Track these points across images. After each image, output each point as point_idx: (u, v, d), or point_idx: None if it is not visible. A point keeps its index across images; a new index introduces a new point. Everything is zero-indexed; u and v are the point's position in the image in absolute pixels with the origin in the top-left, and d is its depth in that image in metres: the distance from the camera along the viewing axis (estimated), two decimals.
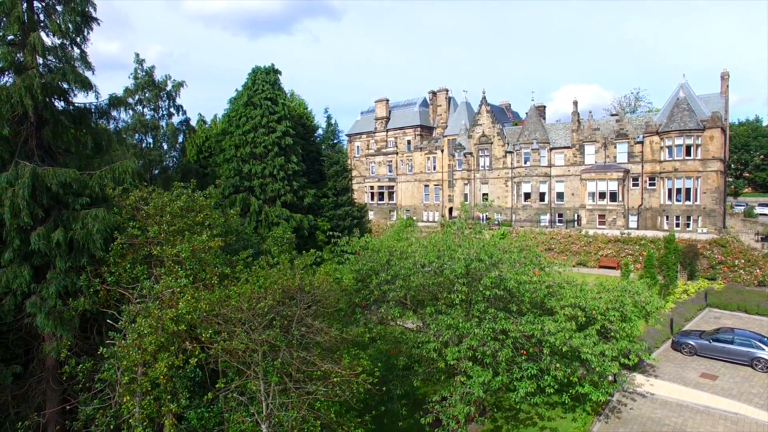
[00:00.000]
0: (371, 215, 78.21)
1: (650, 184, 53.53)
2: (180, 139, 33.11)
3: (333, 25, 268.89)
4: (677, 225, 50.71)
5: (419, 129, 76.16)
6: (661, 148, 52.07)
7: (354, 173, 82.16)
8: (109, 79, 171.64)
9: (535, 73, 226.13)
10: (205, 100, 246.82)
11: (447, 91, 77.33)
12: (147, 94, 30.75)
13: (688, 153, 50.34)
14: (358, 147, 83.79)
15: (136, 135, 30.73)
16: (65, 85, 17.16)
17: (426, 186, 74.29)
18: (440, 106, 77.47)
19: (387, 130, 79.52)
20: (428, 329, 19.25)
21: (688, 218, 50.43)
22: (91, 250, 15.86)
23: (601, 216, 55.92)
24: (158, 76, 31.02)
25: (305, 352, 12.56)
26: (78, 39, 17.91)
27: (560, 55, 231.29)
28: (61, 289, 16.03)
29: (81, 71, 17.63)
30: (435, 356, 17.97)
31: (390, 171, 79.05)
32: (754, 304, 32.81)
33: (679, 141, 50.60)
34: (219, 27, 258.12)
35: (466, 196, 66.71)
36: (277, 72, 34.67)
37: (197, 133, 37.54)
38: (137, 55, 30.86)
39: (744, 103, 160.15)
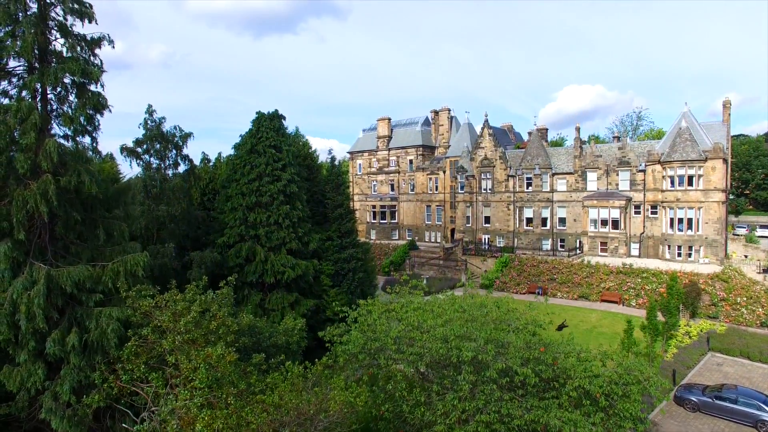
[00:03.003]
0: (373, 234, 78.50)
1: (652, 213, 53.74)
2: (185, 185, 33.35)
3: (339, 24, 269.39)
4: (679, 255, 50.97)
5: (421, 149, 76.35)
6: (663, 177, 52.28)
7: (356, 191, 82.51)
8: (112, 79, 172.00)
9: (538, 73, 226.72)
10: (207, 101, 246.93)
11: (449, 110, 77.55)
12: (157, 146, 31.13)
13: (689, 183, 50.57)
14: (360, 165, 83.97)
15: (145, 185, 31.10)
16: (77, 179, 17.31)
17: (428, 206, 74.49)
18: (442, 125, 77.68)
19: (389, 149, 79.69)
20: (435, 408, 19.54)
21: (690, 248, 50.66)
22: (105, 348, 16.12)
23: (603, 243, 56.14)
24: (166, 127, 31.59)
25: None
26: (89, 128, 18.16)
27: (563, 55, 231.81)
28: (75, 384, 16.31)
29: (92, 160, 17.87)
30: None
31: (392, 190, 79.24)
32: (756, 351, 32.99)
33: (681, 171, 50.83)
34: (223, 27, 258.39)
35: (468, 218, 66.94)
36: (281, 117, 34.91)
37: (201, 175, 37.81)
38: (149, 105, 31.40)
39: (748, 102, 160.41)
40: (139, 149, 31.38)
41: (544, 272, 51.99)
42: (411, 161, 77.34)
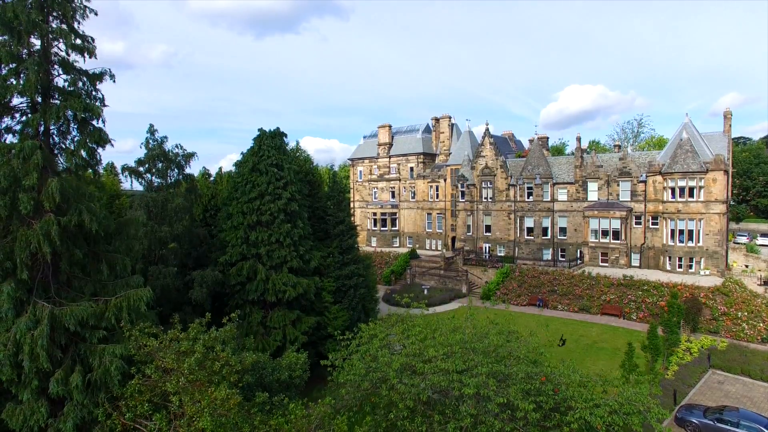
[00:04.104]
0: (374, 242, 78.53)
1: (653, 224, 53.74)
2: (187, 204, 33.36)
3: (341, 24, 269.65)
4: (679, 266, 50.98)
5: (422, 156, 76.39)
6: (664, 188, 52.28)
7: (356, 197, 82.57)
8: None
9: (539, 73, 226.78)
10: (209, 101, 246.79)
11: (450, 117, 77.55)
12: (159, 165, 31.21)
13: (690, 194, 50.58)
14: (360, 171, 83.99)
15: (147, 206, 31.12)
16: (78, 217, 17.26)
17: (429, 214, 74.51)
18: (443, 132, 77.71)
19: (390, 156, 79.72)
20: None
21: (691, 260, 50.68)
22: (108, 385, 16.15)
23: (604, 254, 56.13)
24: (168, 144, 31.74)
25: None
26: (92, 161, 18.19)
27: (564, 55, 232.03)
28: (78, 422, 16.33)
29: (93, 195, 17.90)
30: None
31: (393, 197, 79.23)
32: (757, 369, 32.98)
33: (681, 183, 50.83)
34: (225, 26, 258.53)
35: (469, 227, 66.94)
36: (282, 135, 34.95)
37: (203, 192, 37.85)
38: (151, 125, 31.56)
39: (749, 103, 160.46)
40: (141, 168, 31.49)
41: (545, 283, 51.98)
42: (412, 168, 77.38)
